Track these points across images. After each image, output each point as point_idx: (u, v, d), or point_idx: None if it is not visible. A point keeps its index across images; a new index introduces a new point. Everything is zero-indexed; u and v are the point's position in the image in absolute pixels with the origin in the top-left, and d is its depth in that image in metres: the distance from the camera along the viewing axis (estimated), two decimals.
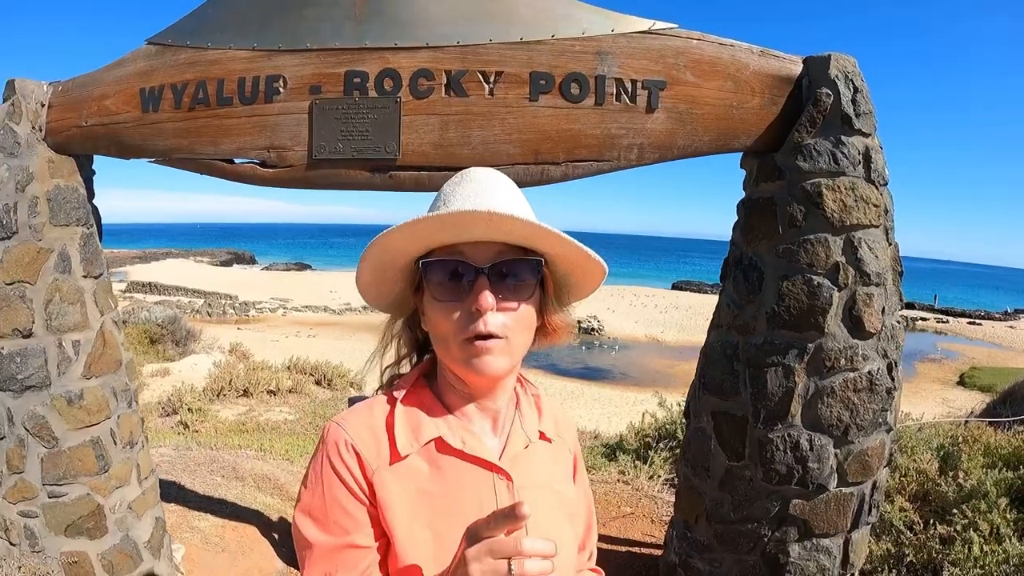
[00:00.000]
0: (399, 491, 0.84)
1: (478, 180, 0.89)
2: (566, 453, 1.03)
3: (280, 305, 31.29)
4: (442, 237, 0.83)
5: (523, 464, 0.91)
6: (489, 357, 0.82)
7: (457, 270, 0.83)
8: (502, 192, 0.88)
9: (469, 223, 0.80)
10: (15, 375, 2.55)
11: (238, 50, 2.28)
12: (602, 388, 16.79)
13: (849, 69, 2.22)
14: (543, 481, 0.94)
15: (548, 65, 2.14)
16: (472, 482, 0.86)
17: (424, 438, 0.87)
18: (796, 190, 2.22)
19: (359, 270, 0.89)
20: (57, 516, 2.65)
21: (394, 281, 0.92)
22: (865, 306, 2.21)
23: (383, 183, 2.21)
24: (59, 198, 2.62)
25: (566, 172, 2.17)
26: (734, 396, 2.36)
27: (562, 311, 0.95)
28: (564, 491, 0.98)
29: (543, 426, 0.98)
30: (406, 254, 0.87)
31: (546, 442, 0.98)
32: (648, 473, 4.67)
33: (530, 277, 0.86)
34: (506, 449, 0.91)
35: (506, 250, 0.84)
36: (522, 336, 0.87)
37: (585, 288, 0.95)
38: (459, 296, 0.83)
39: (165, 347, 11.04)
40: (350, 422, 0.87)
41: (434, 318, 0.86)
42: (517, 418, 0.96)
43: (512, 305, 0.84)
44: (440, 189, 0.92)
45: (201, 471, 4.46)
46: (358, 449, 0.85)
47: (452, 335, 0.83)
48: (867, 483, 2.34)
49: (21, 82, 2.61)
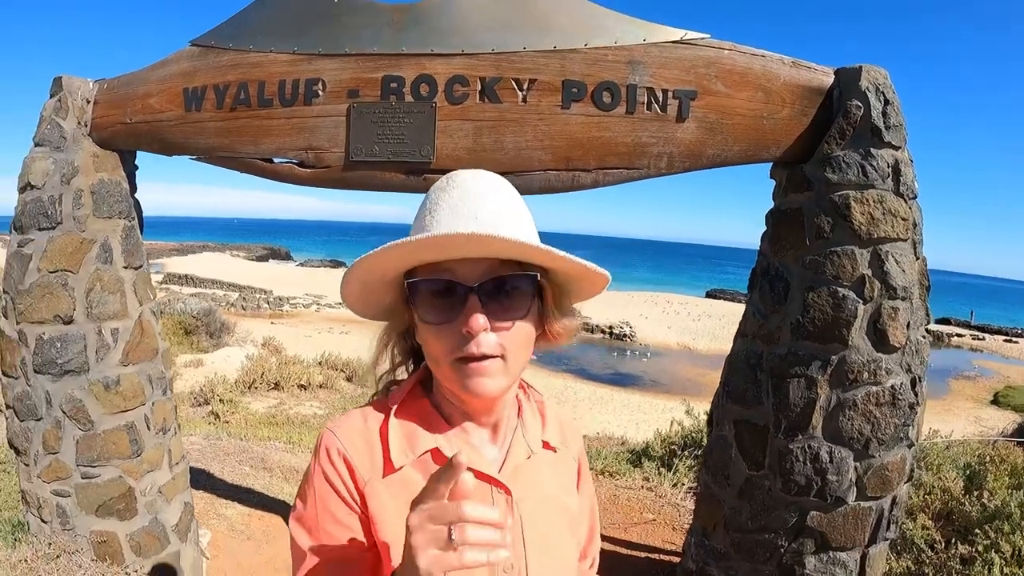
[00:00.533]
0: (391, 503, 0.80)
1: (465, 187, 0.81)
2: (570, 461, 0.98)
3: (314, 301, 31.54)
4: (427, 256, 0.78)
5: (524, 476, 0.87)
6: (484, 379, 0.77)
7: (446, 289, 0.78)
8: (490, 200, 0.80)
9: (453, 244, 0.73)
10: (55, 359, 2.65)
11: (279, 53, 2.35)
12: (631, 394, 16.71)
13: (880, 81, 2.21)
14: (545, 492, 0.89)
15: (581, 73, 2.18)
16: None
17: (420, 449, 0.83)
18: (824, 201, 2.22)
19: (345, 290, 0.84)
20: (89, 496, 2.75)
21: (383, 295, 0.86)
22: (890, 320, 2.20)
23: (417, 186, 2.26)
24: (103, 191, 2.72)
25: (596, 179, 2.21)
26: (756, 405, 2.37)
27: (564, 317, 0.88)
28: (567, 501, 0.94)
29: (547, 435, 0.94)
30: (392, 271, 0.81)
31: (550, 451, 0.93)
32: (672, 481, 4.69)
33: (525, 292, 0.80)
34: (507, 461, 0.87)
35: (498, 265, 0.78)
36: (520, 353, 0.81)
37: (587, 294, 0.89)
38: (449, 316, 0.77)
39: (199, 338, 11.25)
40: (343, 430, 0.84)
41: (425, 339, 0.81)
42: (519, 427, 0.91)
43: (506, 324, 0.78)
44: (427, 194, 0.85)
45: (230, 460, 4.56)
46: (349, 458, 0.81)
47: (443, 357, 0.78)
48: (886, 498, 2.33)
49: (68, 79, 2.71)
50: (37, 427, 2.72)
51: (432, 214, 0.80)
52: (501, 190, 0.83)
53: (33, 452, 2.75)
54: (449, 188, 0.82)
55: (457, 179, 0.83)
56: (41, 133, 2.69)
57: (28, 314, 2.65)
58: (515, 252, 0.76)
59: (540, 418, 0.95)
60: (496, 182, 0.84)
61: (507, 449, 0.88)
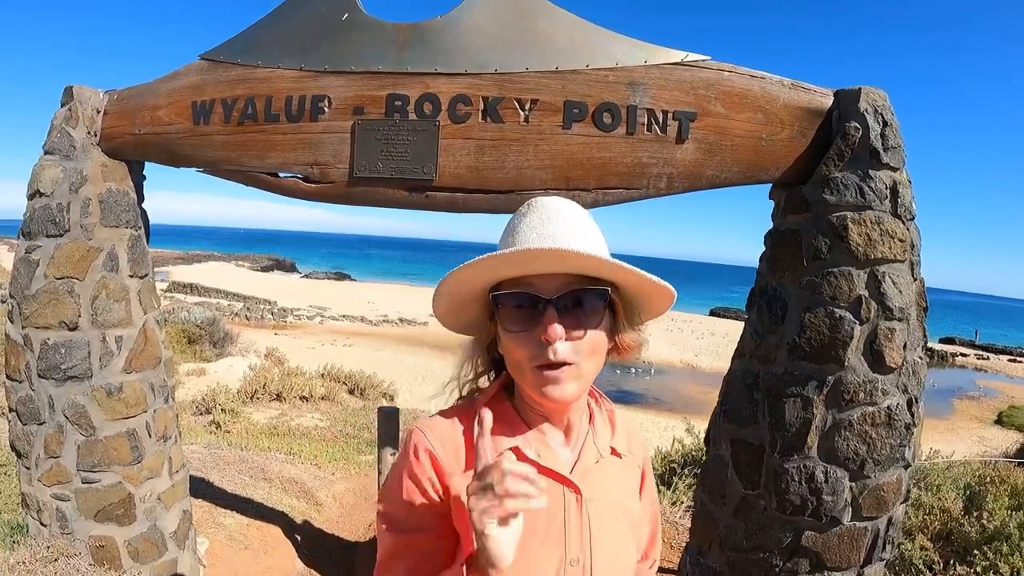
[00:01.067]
0: None
1: (544, 210, 0.91)
2: (635, 468, 1.06)
3: (318, 313, 31.62)
4: (510, 271, 0.87)
5: (592, 478, 0.95)
6: (559, 385, 0.85)
7: (526, 301, 0.86)
8: (568, 222, 0.89)
9: (534, 258, 0.83)
10: (59, 365, 2.68)
11: (286, 70, 2.39)
12: (634, 412, 16.71)
13: (879, 103, 2.23)
14: (610, 495, 0.97)
15: (582, 94, 2.21)
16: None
17: (501, 447, 0.90)
18: (822, 223, 2.24)
19: (436, 302, 0.94)
20: (89, 501, 2.77)
21: (471, 310, 0.96)
22: (887, 341, 2.21)
23: (419, 203, 2.30)
24: (110, 200, 2.76)
25: (596, 199, 2.23)
26: (752, 425, 2.38)
27: (635, 331, 0.97)
28: (630, 505, 1.02)
29: (615, 442, 1.01)
30: (479, 285, 0.91)
31: (616, 457, 1.01)
32: (671, 499, 4.68)
33: (598, 305, 0.88)
34: (578, 463, 0.95)
35: (573, 280, 0.87)
36: (591, 361, 0.89)
37: (656, 310, 0.97)
38: (529, 326, 0.86)
39: (202, 347, 11.28)
40: (432, 428, 0.93)
41: (508, 346, 0.90)
42: (590, 433, 0.99)
43: (580, 333, 0.86)
44: (510, 219, 0.95)
45: (230, 470, 4.58)
46: (436, 454, 0.90)
47: (524, 363, 0.87)
48: (882, 518, 2.33)
49: (79, 89, 2.75)
50: (39, 431, 2.75)
51: (514, 235, 0.90)
52: (577, 214, 0.92)
53: (35, 456, 2.77)
54: (530, 212, 0.92)
55: (537, 204, 0.93)
56: (51, 141, 2.73)
57: (34, 319, 2.68)
58: (589, 266, 0.85)
59: (610, 426, 1.03)
60: (573, 207, 0.93)
61: (579, 452, 0.96)
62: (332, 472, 5.23)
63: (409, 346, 20.44)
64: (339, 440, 6.55)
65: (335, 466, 5.39)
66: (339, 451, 5.94)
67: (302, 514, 4.18)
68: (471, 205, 2.28)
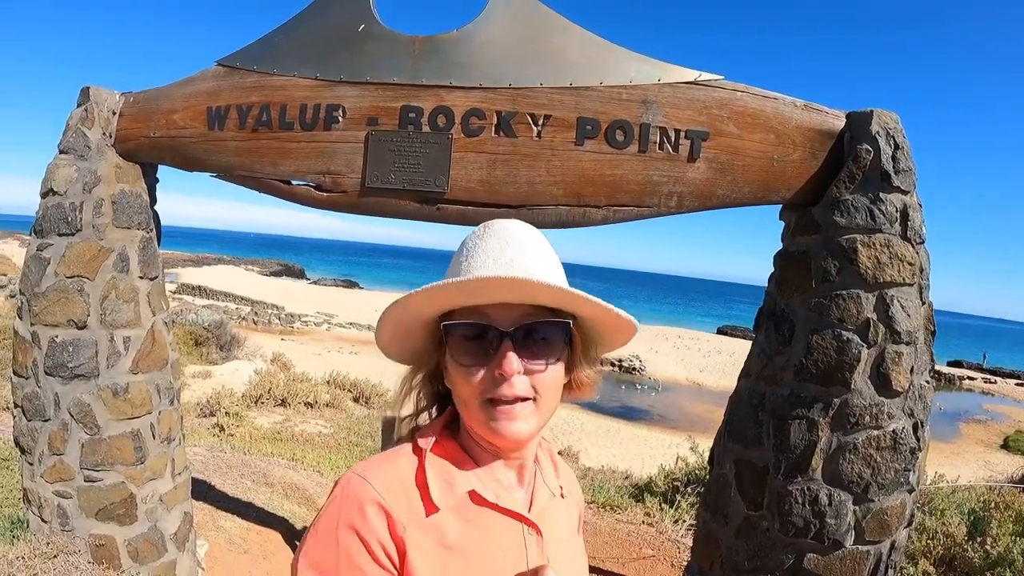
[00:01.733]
0: (430, 547, 0.79)
1: (501, 235, 0.84)
2: (575, 508, 1.02)
3: (325, 320, 31.63)
4: (464, 300, 0.80)
5: (549, 517, 0.90)
6: (514, 422, 0.79)
7: (480, 332, 0.80)
8: (528, 248, 0.83)
9: (492, 287, 0.77)
10: (66, 363, 2.69)
11: (302, 78, 2.41)
12: (638, 429, 16.66)
13: (891, 126, 2.23)
14: (564, 534, 0.93)
15: (595, 111, 2.22)
16: (503, 535, 0.84)
17: (459, 490, 0.83)
18: (832, 245, 2.24)
19: (379, 329, 0.87)
20: (90, 499, 2.78)
21: (416, 338, 0.89)
22: (894, 364, 2.20)
23: (430, 215, 2.31)
24: (123, 202, 2.78)
25: (607, 216, 2.24)
26: (757, 445, 2.37)
27: (591, 367, 0.90)
28: (579, 545, 0.99)
29: (561, 480, 0.97)
30: (429, 313, 0.84)
31: (562, 498, 0.97)
32: (673, 517, 4.65)
33: (558, 338, 0.82)
34: (534, 502, 0.89)
35: (532, 311, 0.80)
36: (551, 397, 0.83)
37: (615, 343, 0.91)
38: (483, 359, 0.79)
39: (209, 350, 11.31)
40: (377, 476, 0.80)
41: (457, 380, 0.83)
42: (538, 471, 0.94)
43: (539, 367, 0.80)
44: (463, 241, 0.87)
45: (232, 474, 4.58)
46: (387, 507, 0.77)
47: (474, 398, 0.80)
48: (885, 543, 2.32)
49: (95, 90, 2.78)
50: (44, 428, 2.76)
51: (468, 259, 0.83)
52: (536, 240, 0.86)
53: (38, 452, 2.78)
54: (486, 236, 0.85)
55: (494, 227, 0.86)
56: (66, 141, 2.76)
57: (43, 316, 2.70)
58: (551, 297, 0.78)
59: (552, 464, 0.98)
60: (531, 233, 0.87)
61: (531, 491, 0.91)
62: (334, 479, 5.21)
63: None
64: (342, 447, 6.54)
65: (337, 473, 5.39)
66: (342, 458, 5.94)
67: (303, 520, 4.17)
68: (482, 218, 2.23)
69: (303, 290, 48.60)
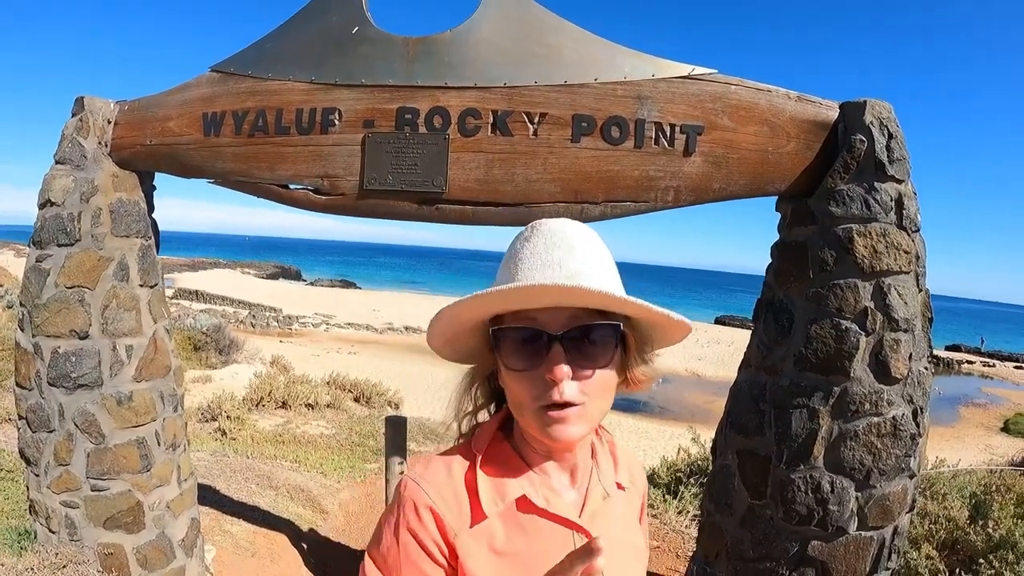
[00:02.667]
0: (481, 552, 0.81)
1: (549, 236, 0.82)
2: (636, 499, 1.01)
3: (323, 321, 31.60)
4: (511, 305, 0.80)
5: (601, 519, 0.89)
6: (565, 426, 0.78)
7: (530, 337, 0.79)
8: (575, 248, 0.81)
9: (537, 294, 0.76)
10: (69, 373, 2.70)
11: (297, 82, 2.42)
12: (639, 421, 16.74)
13: (884, 115, 2.25)
14: (619, 533, 0.92)
15: (590, 108, 2.23)
16: (552, 540, 0.84)
17: (509, 497, 0.83)
18: (828, 235, 2.25)
19: (430, 335, 0.87)
20: (98, 508, 2.79)
21: (469, 340, 0.89)
22: (892, 352, 2.22)
23: (430, 215, 2.32)
24: (121, 211, 2.78)
25: (604, 211, 2.25)
26: (759, 435, 2.39)
27: (646, 363, 0.90)
28: (635, 539, 0.97)
29: (619, 476, 0.96)
30: (478, 318, 0.84)
31: (621, 491, 0.96)
32: (677, 508, 4.68)
33: (608, 341, 0.81)
34: (586, 504, 0.89)
35: (582, 314, 0.79)
36: (601, 401, 0.83)
37: (671, 340, 0.90)
38: (533, 363, 0.79)
39: (208, 354, 11.28)
40: (431, 482, 0.83)
41: (509, 384, 0.83)
42: (594, 470, 0.93)
43: (588, 372, 0.79)
44: (512, 243, 0.86)
45: (236, 478, 4.59)
46: (439, 512, 0.81)
47: (527, 403, 0.80)
48: (888, 528, 2.34)
49: (90, 99, 2.78)
50: (49, 439, 2.77)
51: (517, 263, 0.81)
52: (585, 239, 0.83)
53: (44, 463, 2.79)
54: (533, 238, 0.83)
55: (541, 228, 0.84)
56: (62, 151, 2.75)
57: (44, 327, 2.70)
58: (597, 302, 0.77)
59: (612, 459, 0.98)
60: (580, 231, 0.84)
61: (585, 492, 0.90)
62: (338, 480, 5.25)
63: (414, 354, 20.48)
64: (345, 448, 6.56)
65: (341, 474, 5.41)
66: (345, 459, 5.96)
67: (308, 522, 4.19)
68: (481, 217, 2.30)
69: (300, 292, 48.52)
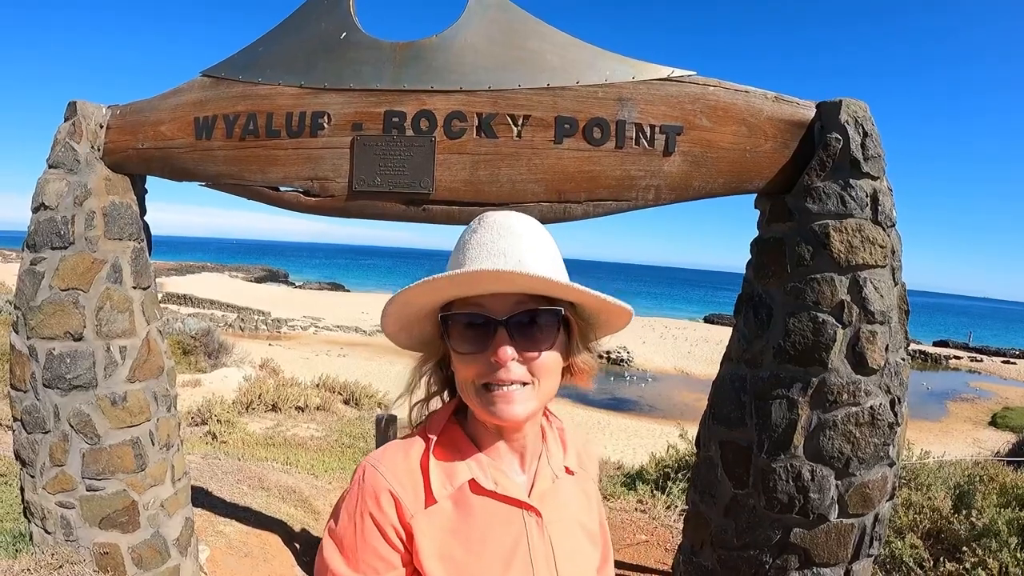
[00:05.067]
0: (434, 533, 0.85)
1: (495, 226, 0.87)
2: (589, 483, 1.05)
3: (312, 323, 31.59)
4: (459, 292, 0.84)
5: (551, 499, 0.94)
6: (510, 405, 0.83)
7: (477, 321, 0.83)
8: (522, 238, 0.86)
9: (484, 280, 0.80)
10: (64, 375, 2.73)
11: (286, 86, 2.47)
12: (628, 419, 16.80)
13: (860, 114, 2.31)
14: (569, 514, 0.96)
15: (572, 110, 2.29)
16: (503, 520, 0.88)
17: (458, 480, 0.88)
18: (805, 231, 2.31)
19: (384, 321, 0.91)
20: (93, 508, 2.82)
21: (422, 327, 0.93)
22: (868, 343, 2.28)
23: (417, 215, 2.37)
24: (114, 213, 2.82)
25: (587, 211, 2.31)
26: (740, 426, 2.45)
27: (588, 352, 0.95)
28: (587, 521, 1.00)
29: (568, 460, 1.00)
30: (429, 305, 0.88)
31: (570, 475, 1.00)
32: (666, 503, 4.75)
33: (551, 326, 0.85)
34: (535, 485, 0.93)
35: (526, 299, 0.83)
36: (547, 380, 0.87)
37: (612, 327, 0.94)
38: (480, 347, 0.83)
39: (197, 358, 11.28)
40: (388, 467, 0.87)
41: (458, 368, 0.87)
42: (543, 453, 0.97)
43: (533, 355, 0.84)
44: (461, 234, 0.90)
45: (228, 480, 4.62)
46: (397, 496, 0.85)
47: (472, 382, 0.85)
48: (868, 515, 2.40)
49: (82, 104, 2.81)
50: (44, 440, 2.79)
51: (464, 252, 0.86)
52: (530, 230, 0.88)
53: (39, 464, 2.81)
54: (480, 228, 0.88)
55: (487, 220, 0.88)
56: (55, 155, 2.79)
57: (39, 330, 2.73)
58: (539, 287, 0.81)
59: (561, 444, 1.02)
60: (524, 221, 0.89)
61: (534, 474, 0.94)
62: (329, 481, 5.29)
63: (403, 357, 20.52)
64: (335, 449, 6.59)
65: (332, 475, 5.44)
66: (335, 460, 6.00)
67: (300, 522, 4.22)
68: (467, 218, 2.32)
69: (289, 295, 48.40)
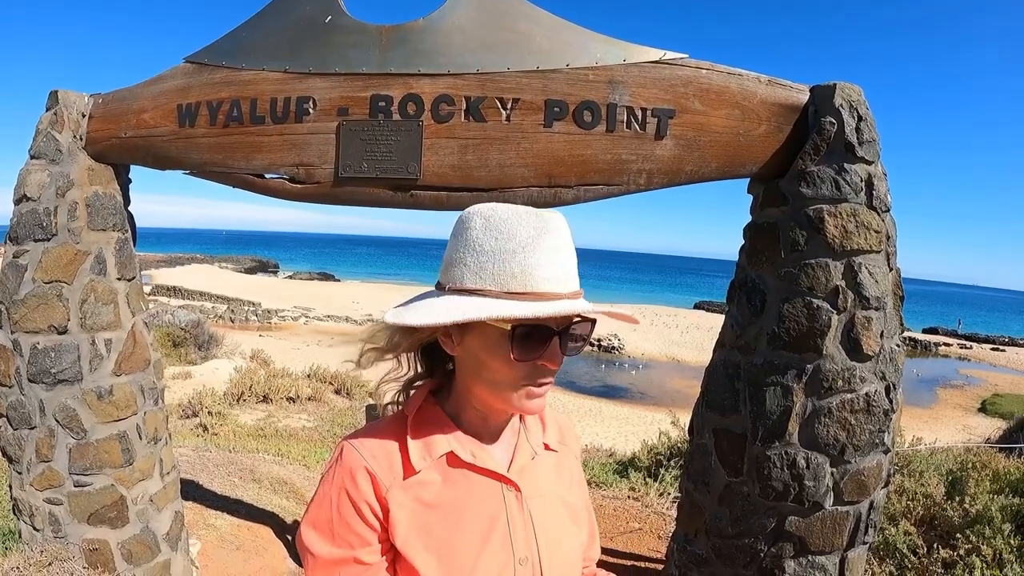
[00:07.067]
0: (411, 505, 0.88)
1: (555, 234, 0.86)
2: (571, 460, 1.08)
3: (302, 314, 31.56)
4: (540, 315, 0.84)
5: (529, 474, 0.96)
6: (542, 400, 0.90)
7: (540, 332, 0.85)
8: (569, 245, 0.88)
9: (566, 310, 0.83)
10: (49, 369, 2.69)
11: (271, 72, 2.42)
12: (620, 407, 16.84)
13: (854, 98, 2.28)
14: (549, 490, 0.99)
15: (562, 93, 2.25)
16: (482, 493, 0.91)
17: (436, 453, 0.90)
18: (799, 216, 2.29)
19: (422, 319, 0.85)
20: (81, 504, 2.78)
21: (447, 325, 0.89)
22: (863, 329, 2.26)
23: (404, 201, 2.33)
24: (97, 204, 2.77)
25: (578, 195, 2.28)
26: (734, 414, 2.43)
27: None
28: (568, 498, 1.03)
29: (547, 438, 1.03)
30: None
31: (551, 452, 1.03)
32: (658, 490, 4.74)
33: (590, 334, 0.92)
34: (514, 461, 0.96)
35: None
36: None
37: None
38: (536, 353, 0.86)
39: (187, 350, 11.24)
40: (365, 444, 0.90)
41: (500, 368, 0.87)
42: (522, 431, 1.00)
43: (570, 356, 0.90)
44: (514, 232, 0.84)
45: (219, 472, 4.59)
46: (373, 471, 0.87)
47: (515, 383, 0.87)
48: (864, 503, 2.39)
49: (64, 93, 2.76)
50: (30, 435, 2.75)
51: (525, 254, 0.83)
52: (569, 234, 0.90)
53: (26, 460, 2.77)
54: (545, 234, 0.85)
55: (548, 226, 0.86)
56: (37, 146, 2.74)
57: (23, 323, 2.69)
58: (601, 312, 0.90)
59: (540, 422, 1.05)
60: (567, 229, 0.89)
61: (513, 450, 0.97)
62: (321, 473, 5.24)
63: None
64: (327, 440, 6.56)
65: (324, 466, 5.40)
66: (327, 451, 5.96)
67: (292, 514, 4.19)
68: (455, 203, 2.31)
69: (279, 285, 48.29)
